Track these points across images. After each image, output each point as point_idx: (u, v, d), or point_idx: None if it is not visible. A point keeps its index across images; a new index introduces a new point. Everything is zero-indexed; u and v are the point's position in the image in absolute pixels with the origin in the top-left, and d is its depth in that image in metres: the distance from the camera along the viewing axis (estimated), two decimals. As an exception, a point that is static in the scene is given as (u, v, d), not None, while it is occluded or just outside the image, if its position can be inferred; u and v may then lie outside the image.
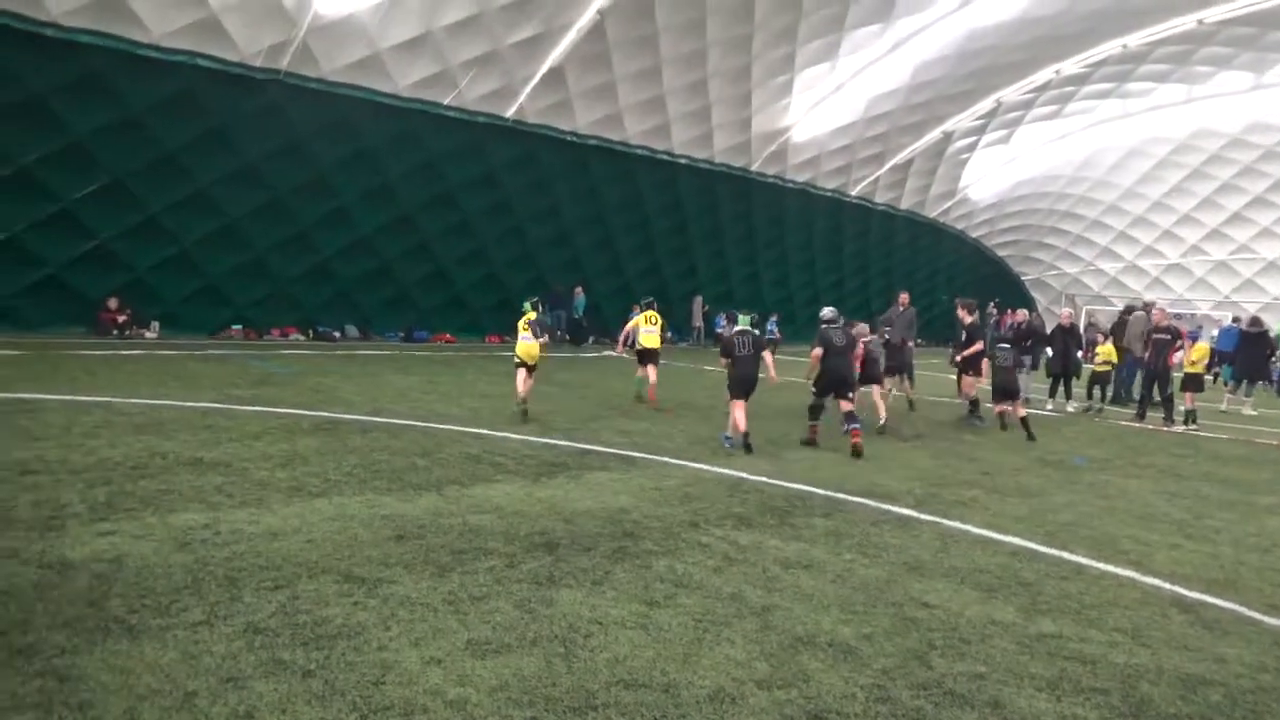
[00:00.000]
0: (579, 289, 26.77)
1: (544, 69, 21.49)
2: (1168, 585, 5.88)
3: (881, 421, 12.52)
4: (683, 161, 26.89)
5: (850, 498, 7.82)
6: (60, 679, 3.52)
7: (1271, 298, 35.40)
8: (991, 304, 31.44)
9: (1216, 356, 23.23)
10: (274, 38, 17.98)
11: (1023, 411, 12.74)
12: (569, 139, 23.96)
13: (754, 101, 25.69)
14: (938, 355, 22.72)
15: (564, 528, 6.21)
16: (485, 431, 9.95)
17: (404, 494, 6.85)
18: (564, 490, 7.37)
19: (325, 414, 10.37)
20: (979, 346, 14.12)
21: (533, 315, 11.98)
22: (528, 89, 21.92)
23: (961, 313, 14.66)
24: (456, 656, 3.99)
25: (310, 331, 21.85)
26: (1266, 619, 5.34)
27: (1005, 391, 13.07)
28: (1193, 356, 14.83)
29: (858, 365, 11.99)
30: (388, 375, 15.01)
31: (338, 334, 22.30)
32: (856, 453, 10.05)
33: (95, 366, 13.44)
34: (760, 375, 10.60)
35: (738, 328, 10.91)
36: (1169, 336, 15.15)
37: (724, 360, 10.64)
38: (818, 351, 11.08)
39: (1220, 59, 26.75)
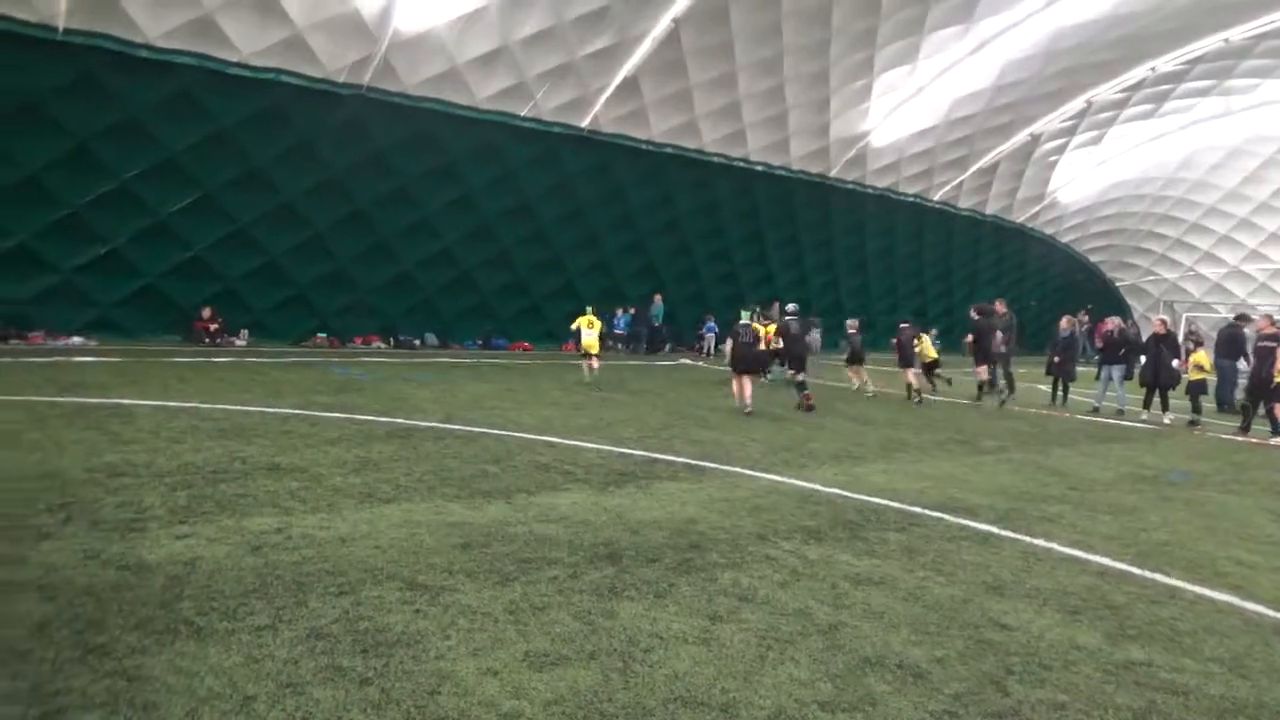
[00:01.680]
0: (657, 296, 26.76)
1: (619, 79, 21.56)
2: (1272, 612, 5.51)
3: (917, 399, 16.49)
4: (759, 168, 26.65)
5: (927, 512, 7.56)
6: (129, 679, 3.59)
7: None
8: (1083, 312, 30.36)
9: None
10: (357, 54, 18.45)
11: (801, 377, 15.09)
12: (644, 147, 23.98)
13: (832, 106, 25.31)
14: (1026, 364, 21.96)
15: (629, 538, 6.14)
16: (557, 440, 9.97)
17: (472, 501, 6.88)
18: (632, 500, 7.30)
19: (401, 421, 10.54)
20: (970, 339, 17.70)
21: (594, 319, 16.58)
22: (603, 99, 22.03)
23: (972, 313, 18.22)
24: (514, 668, 3.95)
25: (391, 339, 22.34)
26: (1383, 651, 4.94)
27: (799, 361, 15.30)
28: None
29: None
30: (464, 383, 15.21)
31: (418, 342, 22.74)
32: (810, 408, 14.03)
33: (187, 373, 13.95)
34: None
35: (741, 322, 14.01)
36: (1273, 344, 14.36)
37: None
38: (772, 330, 15.53)
39: (1333, 51, 25.30)
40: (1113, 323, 18.10)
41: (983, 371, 17.62)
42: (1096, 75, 27.13)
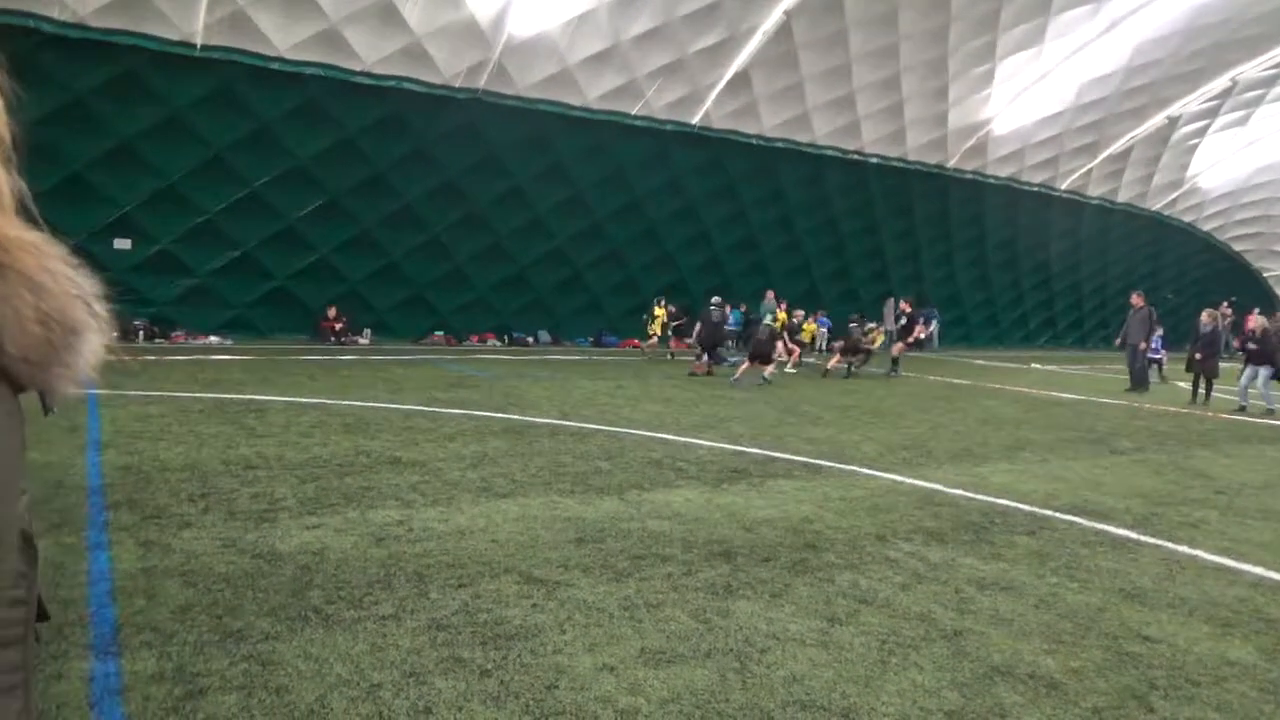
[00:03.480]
0: (769, 293, 26.42)
1: (730, 74, 21.41)
2: None
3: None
4: (874, 161, 26.02)
5: (1057, 515, 7.19)
6: (263, 663, 3.74)
7: None
8: (1225, 304, 28.51)
9: None
10: (472, 59, 18.92)
11: (770, 370, 16.73)
12: (755, 143, 23.76)
13: (951, 95, 24.48)
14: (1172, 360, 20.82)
15: (743, 536, 6.06)
16: (669, 436, 9.95)
17: (586, 497, 6.92)
18: (745, 498, 7.21)
19: (516, 417, 10.73)
20: (919, 331, 20.89)
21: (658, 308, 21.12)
22: (713, 94, 21.92)
23: (904, 304, 21.35)
24: (629, 664, 3.93)
25: (506, 337, 22.82)
26: None
27: (761, 356, 16.59)
28: None
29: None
30: (576, 380, 15.39)
31: (531, 339, 23.16)
32: (693, 373, 17.21)
33: (314, 370, 14.58)
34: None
35: (764, 322, 17.52)
36: None
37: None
38: (699, 326, 18.41)
39: None
40: (1256, 320, 16.82)
41: (900, 348, 20.02)
42: (1243, 51, 25.35)
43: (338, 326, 20.19)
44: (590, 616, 4.45)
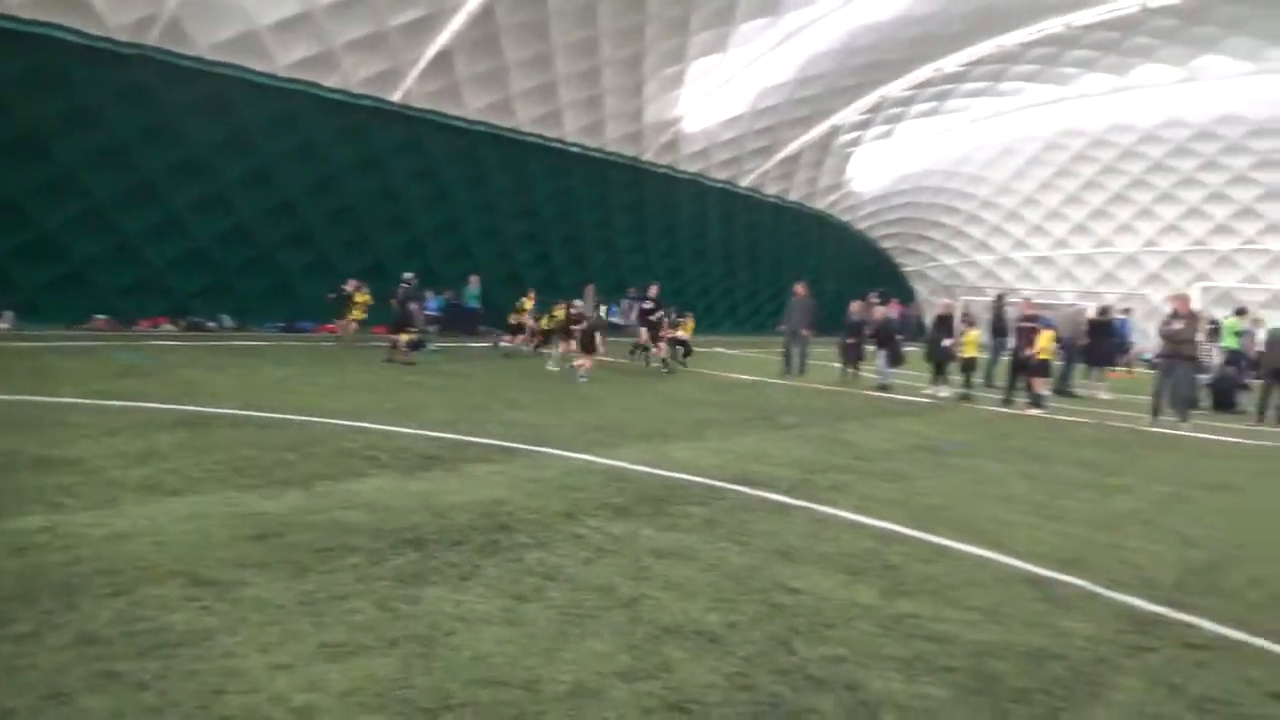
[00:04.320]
0: (474, 278, 26.27)
1: (431, 52, 21.01)
2: (1022, 564, 6.15)
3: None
4: (574, 150, 26.76)
5: (728, 485, 7.91)
6: None
7: (1129, 289, 37.53)
8: (874, 294, 32.42)
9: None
10: (141, 11, 17.02)
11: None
12: (457, 124, 23.51)
13: (646, 91, 25.77)
14: (824, 344, 23.46)
15: (435, 522, 6.08)
16: (365, 425, 9.67)
17: (268, 491, 6.58)
18: (439, 483, 7.21)
19: (192, 408, 9.89)
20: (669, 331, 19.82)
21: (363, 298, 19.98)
22: (415, 72, 21.41)
23: (654, 288, 20.70)
24: (307, 660, 3.84)
25: (182, 321, 20.79)
26: (1109, 593, 5.64)
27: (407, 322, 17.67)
28: (1040, 344, 15.77)
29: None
30: (264, 367, 14.45)
31: (212, 324, 21.30)
32: (389, 360, 16.48)
33: (-64, 359, 12.49)
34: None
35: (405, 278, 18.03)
36: (1032, 325, 16.02)
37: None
38: (394, 302, 17.96)
39: (1086, 61, 28.27)
40: (879, 312, 19.70)
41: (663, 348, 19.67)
42: (889, 72, 29.03)
43: (-34, 309, 17.33)
44: (266, 615, 4.28)
